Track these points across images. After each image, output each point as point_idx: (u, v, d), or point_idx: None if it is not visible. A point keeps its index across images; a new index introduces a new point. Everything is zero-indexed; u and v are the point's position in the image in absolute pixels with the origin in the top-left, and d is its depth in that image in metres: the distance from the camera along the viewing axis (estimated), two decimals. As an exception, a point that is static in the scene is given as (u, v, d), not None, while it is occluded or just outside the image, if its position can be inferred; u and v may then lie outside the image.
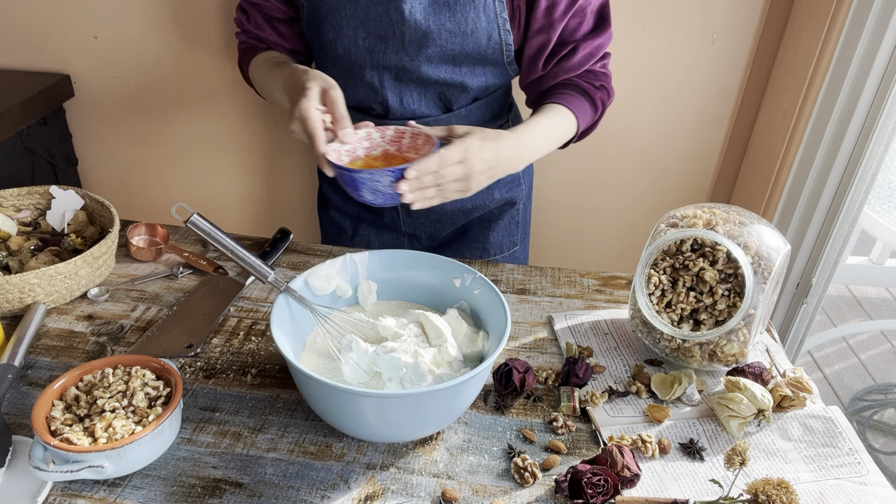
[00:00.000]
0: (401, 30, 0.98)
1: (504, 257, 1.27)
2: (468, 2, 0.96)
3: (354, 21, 0.99)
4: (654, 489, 0.74)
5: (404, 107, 1.06)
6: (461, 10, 0.96)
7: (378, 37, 0.99)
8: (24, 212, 1.08)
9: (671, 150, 1.55)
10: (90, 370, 0.78)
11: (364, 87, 1.06)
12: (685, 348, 0.87)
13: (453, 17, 0.97)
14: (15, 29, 1.45)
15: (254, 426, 0.79)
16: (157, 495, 0.70)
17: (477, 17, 0.97)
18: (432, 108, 1.08)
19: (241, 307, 1.00)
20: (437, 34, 0.98)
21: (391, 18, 0.97)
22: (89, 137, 1.60)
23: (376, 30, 0.99)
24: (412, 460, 0.76)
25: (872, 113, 1.25)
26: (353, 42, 1.01)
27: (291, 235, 1.15)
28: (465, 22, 0.97)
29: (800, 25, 1.33)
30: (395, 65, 1.02)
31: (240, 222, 1.71)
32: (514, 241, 1.28)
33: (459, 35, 0.98)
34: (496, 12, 0.97)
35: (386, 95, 1.05)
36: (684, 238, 0.86)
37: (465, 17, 0.97)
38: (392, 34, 0.99)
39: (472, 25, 0.97)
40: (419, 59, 1.00)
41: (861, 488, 0.74)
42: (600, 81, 1.06)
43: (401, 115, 1.07)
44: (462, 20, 0.97)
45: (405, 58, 1.01)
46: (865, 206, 1.36)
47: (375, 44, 1.00)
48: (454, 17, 0.97)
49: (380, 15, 0.97)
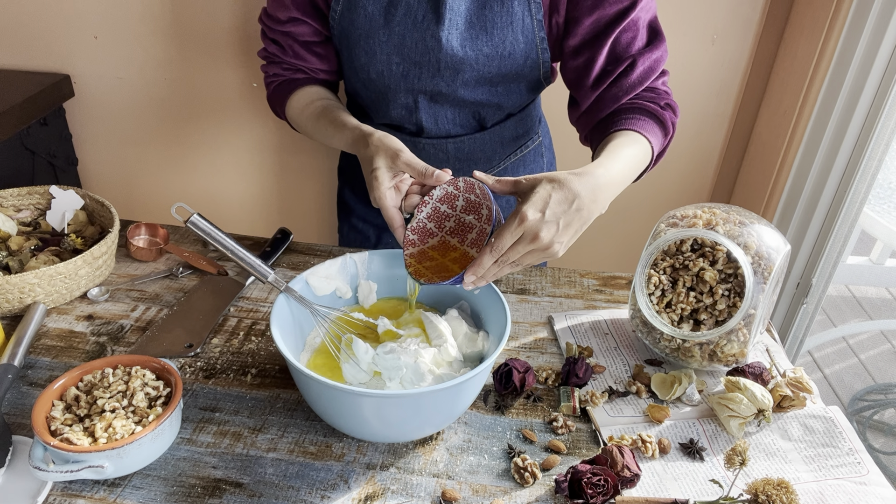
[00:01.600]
0: (437, 56, 0.94)
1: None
2: (506, 25, 0.92)
3: (388, 47, 0.96)
4: (654, 489, 0.74)
5: (438, 127, 1.04)
6: (499, 34, 0.93)
7: (413, 63, 0.96)
8: (24, 212, 1.08)
9: (671, 149, 1.54)
10: (90, 370, 0.78)
11: (398, 108, 1.03)
12: (685, 348, 0.87)
13: (490, 41, 0.93)
14: (15, 29, 1.45)
15: (254, 426, 0.79)
16: (157, 495, 0.70)
17: (515, 39, 0.94)
18: (466, 127, 1.06)
19: (241, 307, 1.00)
20: (475, 60, 0.95)
21: (427, 45, 0.94)
22: (89, 137, 1.60)
23: (411, 56, 0.96)
24: (412, 460, 0.76)
25: (872, 113, 1.25)
26: (387, 67, 0.97)
27: (291, 235, 1.15)
28: (502, 45, 0.94)
29: (800, 25, 1.33)
30: (431, 89, 0.99)
31: (240, 222, 1.71)
32: None
33: (497, 59, 0.95)
34: (534, 31, 0.94)
35: (420, 117, 1.03)
36: (684, 238, 0.86)
37: (502, 41, 0.93)
38: (427, 60, 0.95)
39: (511, 48, 0.94)
40: (455, 84, 0.98)
41: (861, 488, 0.74)
42: (664, 100, 0.95)
43: (435, 134, 1.05)
44: (500, 44, 0.94)
45: (441, 83, 0.98)
46: (865, 206, 1.36)
47: (410, 69, 0.97)
48: (491, 42, 0.93)
49: (415, 41, 0.94)
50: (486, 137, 1.08)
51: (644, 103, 0.93)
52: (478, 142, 1.07)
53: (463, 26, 0.93)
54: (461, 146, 1.07)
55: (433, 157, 1.08)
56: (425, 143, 1.07)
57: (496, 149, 1.10)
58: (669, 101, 0.96)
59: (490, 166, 1.12)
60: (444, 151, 1.08)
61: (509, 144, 1.11)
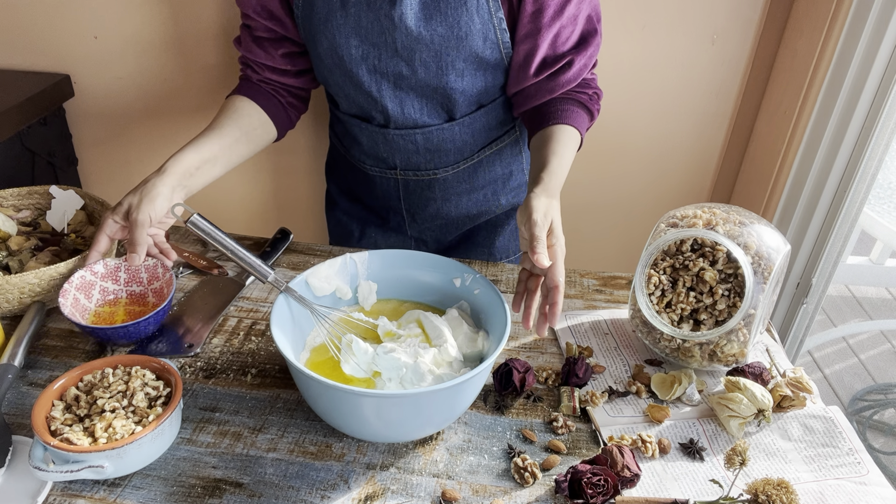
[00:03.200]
0: (392, 37, 0.96)
1: (510, 262, 1.26)
2: (460, 4, 0.94)
3: (346, 29, 0.97)
4: (654, 489, 0.74)
5: (406, 116, 1.05)
6: (453, 14, 0.94)
7: (371, 44, 0.98)
8: (24, 212, 1.08)
9: (671, 149, 1.55)
10: (90, 370, 0.78)
11: (363, 95, 1.04)
12: (685, 348, 0.87)
13: (445, 20, 0.95)
14: (15, 29, 1.45)
15: (254, 426, 0.79)
16: (157, 495, 0.70)
17: (470, 19, 0.95)
18: (434, 116, 1.06)
19: (241, 307, 1.00)
20: (430, 40, 0.96)
21: (382, 26, 0.96)
22: (89, 137, 1.60)
23: (368, 37, 0.97)
24: (412, 460, 0.76)
25: (872, 113, 1.25)
26: (347, 50, 0.99)
27: (291, 235, 1.15)
28: (457, 26, 0.95)
29: (800, 25, 1.33)
30: (392, 71, 1.00)
31: (240, 222, 1.71)
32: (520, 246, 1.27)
33: (454, 39, 0.96)
34: (490, 12, 0.95)
35: (385, 104, 1.04)
36: (684, 238, 0.86)
37: (457, 21, 0.95)
38: (384, 41, 0.97)
39: (466, 28, 0.95)
40: (414, 65, 0.99)
41: (861, 488, 0.74)
42: (592, 89, 1.05)
43: (402, 123, 1.06)
44: (454, 24, 0.95)
45: (401, 63, 0.99)
46: (865, 206, 1.36)
47: (369, 51, 0.99)
48: (446, 21, 0.95)
49: (371, 22, 0.96)
50: (455, 129, 1.08)
51: (577, 95, 1.03)
52: (447, 132, 1.08)
53: (417, 6, 0.95)
54: (430, 136, 1.08)
55: (402, 149, 1.10)
56: (394, 133, 1.07)
57: (467, 140, 1.10)
58: (597, 89, 1.07)
59: (461, 158, 1.12)
60: (413, 143, 1.08)
61: (481, 136, 1.11)
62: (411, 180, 1.15)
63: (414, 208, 1.19)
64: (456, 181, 1.15)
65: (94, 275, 0.92)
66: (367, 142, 1.11)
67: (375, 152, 1.12)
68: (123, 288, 0.95)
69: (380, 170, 1.15)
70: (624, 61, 1.41)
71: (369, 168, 1.16)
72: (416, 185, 1.15)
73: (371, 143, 1.11)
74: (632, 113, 1.49)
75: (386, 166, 1.14)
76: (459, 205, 1.19)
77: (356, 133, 1.12)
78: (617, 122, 1.48)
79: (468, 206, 1.19)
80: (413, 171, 1.13)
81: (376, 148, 1.11)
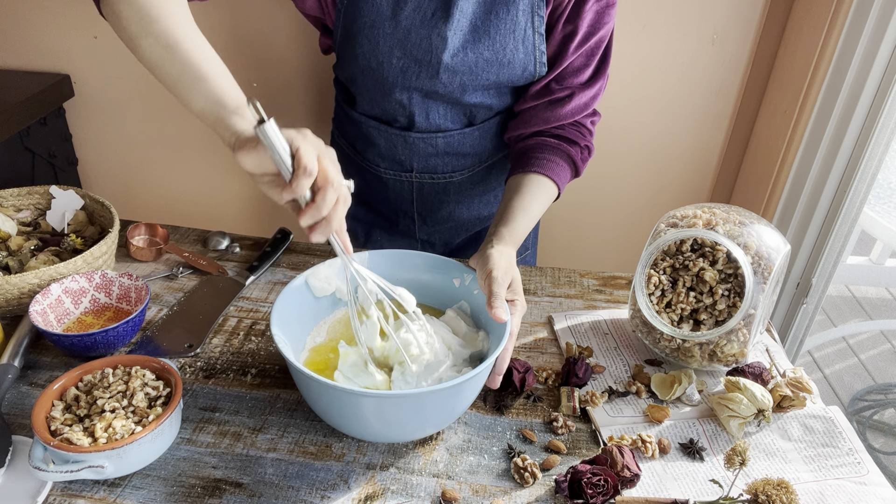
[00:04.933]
0: (438, 57, 0.95)
1: (518, 261, 1.26)
2: (509, 32, 0.94)
3: (392, 40, 0.95)
4: (654, 489, 0.74)
5: (430, 121, 1.05)
6: (500, 40, 0.94)
7: (414, 59, 0.97)
8: (24, 212, 1.08)
9: (671, 149, 1.55)
10: (90, 370, 0.78)
11: (392, 102, 1.03)
12: (685, 348, 0.87)
13: (492, 46, 0.94)
14: (15, 29, 1.45)
15: (254, 426, 0.79)
16: (157, 495, 0.70)
17: (515, 48, 0.95)
18: (457, 122, 1.06)
19: (241, 307, 1.00)
20: (474, 62, 0.96)
21: (431, 44, 0.94)
22: (89, 137, 1.60)
23: (413, 53, 0.96)
24: (412, 460, 0.76)
25: (872, 113, 1.25)
26: (388, 61, 0.97)
27: (291, 235, 1.15)
28: (503, 52, 0.95)
29: (800, 25, 1.33)
30: (427, 87, 1.00)
31: (240, 222, 1.71)
32: (526, 246, 1.27)
33: (496, 65, 0.96)
34: (535, 44, 0.95)
35: (413, 111, 1.03)
36: (684, 238, 0.86)
37: (503, 48, 0.95)
38: (428, 59, 0.96)
39: (510, 56, 0.95)
40: (452, 86, 0.99)
41: (861, 488, 0.74)
42: (585, 142, 1.03)
43: (426, 128, 1.06)
44: (500, 50, 0.95)
45: (438, 84, 0.98)
46: (865, 206, 1.36)
47: (409, 66, 0.97)
48: (493, 47, 0.95)
49: (420, 38, 0.94)
50: (475, 133, 1.08)
51: (566, 146, 1.01)
52: (467, 137, 1.08)
53: (467, 28, 0.94)
54: (451, 141, 1.08)
55: (422, 152, 1.09)
56: (415, 137, 1.07)
57: (485, 145, 1.11)
58: (589, 142, 1.04)
59: (478, 161, 1.13)
60: (433, 146, 1.08)
61: (498, 140, 1.12)
62: (427, 183, 1.14)
63: (426, 211, 1.19)
64: (470, 184, 1.15)
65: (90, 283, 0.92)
66: (385, 144, 1.10)
67: (393, 155, 1.11)
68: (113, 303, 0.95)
69: (395, 172, 1.14)
70: (624, 61, 1.41)
71: (383, 171, 1.14)
72: (431, 188, 1.15)
73: (389, 146, 1.10)
74: (632, 113, 1.49)
75: (402, 169, 1.13)
76: (471, 207, 1.19)
77: (373, 135, 1.10)
78: (617, 122, 1.48)
79: (479, 208, 1.19)
80: (430, 174, 1.12)
81: (394, 150, 1.10)
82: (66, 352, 0.85)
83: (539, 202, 0.97)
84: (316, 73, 1.48)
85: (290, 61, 1.47)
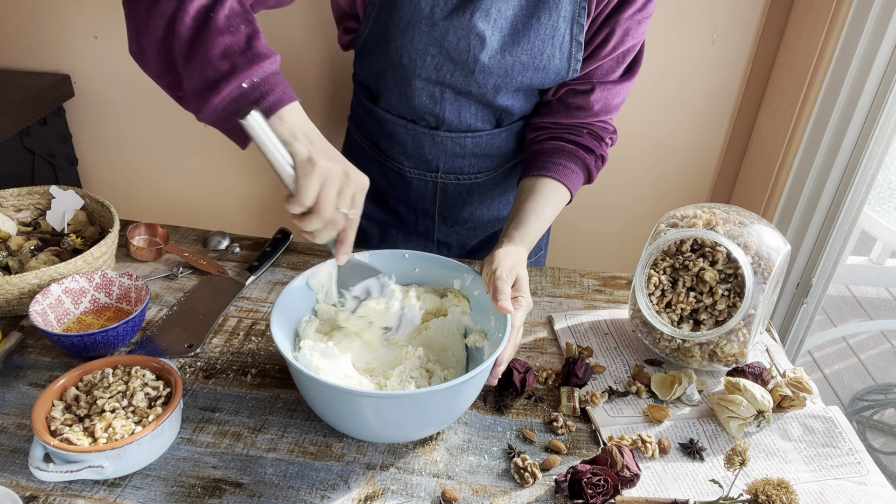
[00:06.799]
0: (475, 56, 0.94)
1: (531, 262, 1.25)
2: (547, 38, 0.94)
3: (428, 38, 0.94)
4: (654, 489, 0.74)
5: (461, 121, 1.04)
6: (539, 45, 0.94)
7: (449, 59, 0.96)
8: (24, 212, 1.08)
9: (671, 149, 1.55)
10: (90, 370, 0.78)
11: (423, 97, 1.02)
12: (685, 348, 0.87)
13: (530, 50, 0.94)
14: (15, 29, 1.45)
15: (254, 426, 0.79)
16: (157, 495, 0.70)
17: (552, 54, 0.95)
18: (486, 123, 1.06)
19: (241, 307, 1.00)
20: (511, 65, 0.96)
21: (469, 44, 0.94)
22: (89, 137, 1.60)
23: (449, 52, 0.95)
24: (412, 460, 0.76)
25: (872, 113, 1.25)
26: (421, 59, 0.96)
27: (291, 235, 1.15)
28: (540, 57, 0.95)
29: (800, 25, 1.33)
30: (462, 87, 0.99)
31: (240, 222, 1.71)
32: (540, 246, 1.27)
33: (531, 69, 0.96)
34: (571, 52, 0.95)
35: (444, 107, 1.02)
36: (684, 238, 0.86)
37: (541, 53, 0.95)
38: (465, 60, 0.95)
39: (547, 62, 0.96)
40: (486, 87, 0.98)
41: (861, 488, 0.74)
42: (601, 151, 1.04)
43: (456, 127, 1.05)
44: (538, 55, 0.95)
45: (473, 84, 0.98)
46: (865, 206, 1.36)
47: (444, 64, 0.96)
48: (531, 51, 0.94)
49: (458, 38, 0.93)
50: (503, 134, 1.08)
51: (582, 154, 1.02)
52: (495, 138, 1.07)
53: (507, 30, 0.94)
54: (479, 141, 1.07)
55: (449, 152, 1.08)
56: (444, 136, 1.06)
57: (510, 146, 1.10)
58: (604, 152, 1.05)
59: (504, 162, 1.12)
60: (461, 146, 1.07)
61: (520, 142, 1.12)
62: (451, 184, 1.13)
63: (447, 211, 1.17)
64: (493, 185, 1.15)
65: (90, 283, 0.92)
66: (412, 143, 1.08)
67: (419, 154, 1.09)
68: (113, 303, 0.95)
69: (419, 172, 1.12)
70: (624, 61, 1.41)
71: (408, 170, 1.12)
72: (455, 189, 1.14)
73: (415, 145, 1.08)
74: (632, 113, 1.49)
75: (427, 169, 1.11)
76: (492, 208, 1.18)
77: (399, 134, 1.08)
78: (617, 122, 1.48)
79: (500, 208, 1.19)
80: (455, 174, 1.11)
81: (421, 149, 1.09)
82: (66, 352, 0.85)
83: (552, 207, 0.99)
84: (331, 69, 1.48)
85: (303, 58, 1.46)
